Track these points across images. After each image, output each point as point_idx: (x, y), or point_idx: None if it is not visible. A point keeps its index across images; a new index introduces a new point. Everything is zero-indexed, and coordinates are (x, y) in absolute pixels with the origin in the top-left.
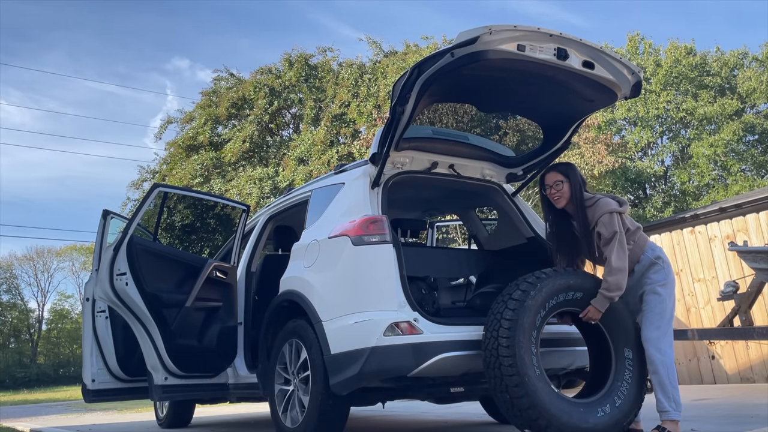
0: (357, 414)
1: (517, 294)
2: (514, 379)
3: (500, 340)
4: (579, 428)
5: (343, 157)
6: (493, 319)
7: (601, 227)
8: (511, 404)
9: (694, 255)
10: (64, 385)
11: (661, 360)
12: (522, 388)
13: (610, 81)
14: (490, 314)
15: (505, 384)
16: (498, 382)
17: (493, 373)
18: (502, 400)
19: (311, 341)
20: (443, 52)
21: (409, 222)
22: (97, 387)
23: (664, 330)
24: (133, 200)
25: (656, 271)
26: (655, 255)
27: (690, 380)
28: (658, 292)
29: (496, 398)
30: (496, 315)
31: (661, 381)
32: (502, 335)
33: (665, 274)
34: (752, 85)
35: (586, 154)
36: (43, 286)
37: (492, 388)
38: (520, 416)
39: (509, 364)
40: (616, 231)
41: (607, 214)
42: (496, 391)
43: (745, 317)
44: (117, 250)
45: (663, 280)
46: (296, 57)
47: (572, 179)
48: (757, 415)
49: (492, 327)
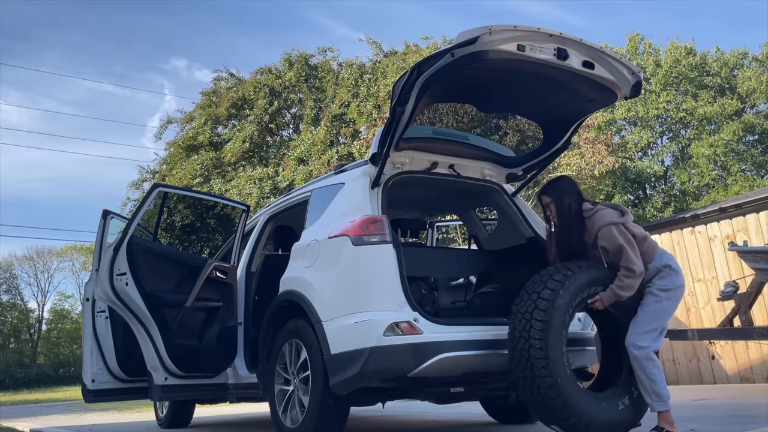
0: (357, 414)
1: (546, 294)
2: (547, 380)
3: (532, 341)
4: (606, 423)
5: (343, 157)
6: (522, 319)
7: (603, 242)
8: (542, 404)
9: (694, 255)
10: (64, 385)
11: (634, 355)
12: (555, 389)
13: (610, 81)
14: (517, 313)
15: (537, 385)
16: (529, 383)
17: (523, 374)
18: (533, 399)
19: (311, 341)
20: (443, 52)
21: (409, 222)
22: (97, 387)
23: (649, 329)
24: (133, 200)
25: (662, 277)
26: (663, 263)
27: (690, 380)
28: (655, 293)
29: (524, 397)
30: (525, 315)
31: (638, 376)
32: (534, 336)
33: (671, 281)
34: (752, 85)
35: (586, 155)
36: (43, 286)
37: (521, 387)
38: (552, 415)
39: (542, 366)
40: (620, 244)
41: (606, 227)
42: (526, 391)
43: (745, 317)
44: (117, 250)
45: (666, 285)
46: (296, 57)
47: (557, 199)
48: (757, 415)
49: (521, 327)
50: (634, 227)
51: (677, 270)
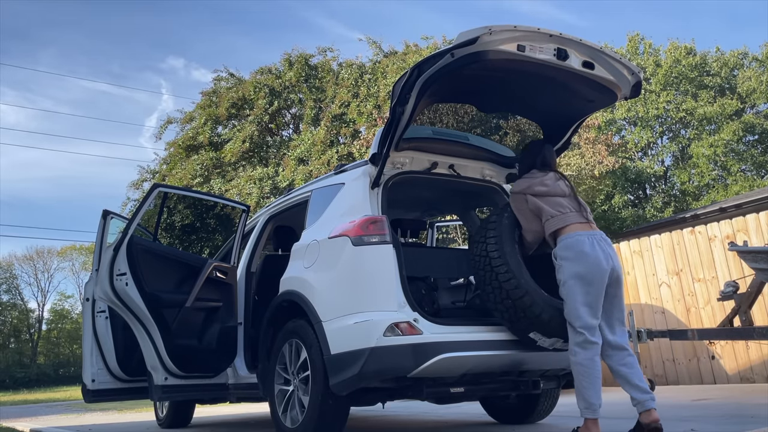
0: (357, 414)
1: (493, 218)
2: (511, 282)
3: (490, 254)
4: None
5: (343, 157)
6: (478, 244)
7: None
8: (514, 308)
9: (694, 255)
10: (64, 385)
11: (572, 360)
12: (520, 289)
13: (610, 81)
14: (473, 244)
15: (505, 291)
16: (497, 292)
17: (491, 287)
18: (505, 308)
19: (311, 341)
20: (443, 53)
21: (409, 222)
22: (97, 387)
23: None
24: (133, 200)
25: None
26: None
27: (690, 380)
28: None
29: (498, 311)
30: (480, 240)
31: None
32: (491, 250)
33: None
34: (752, 85)
35: (586, 155)
36: (43, 286)
37: (492, 302)
38: (525, 317)
39: (504, 271)
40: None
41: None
42: (498, 303)
43: (745, 317)
44: (117, 250)
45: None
46: (296, 57)
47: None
48: (757, 415)
49: (479, 251)
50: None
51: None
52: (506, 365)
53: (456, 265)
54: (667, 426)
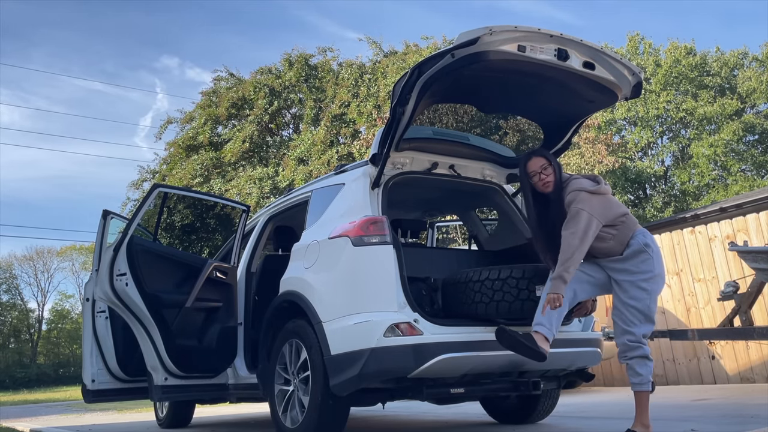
0: (357, 414)
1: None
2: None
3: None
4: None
5: (343, 157)
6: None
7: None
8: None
9: (694, 255)
10: (64, 385)
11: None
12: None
13: (611, 82)
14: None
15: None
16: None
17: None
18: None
19: (311, 342)
20: (444, 53)
21: (409, 222)
22: (97, 387)
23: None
24: (133, 200)
25: (644, 260)
26: (645, 242)
27: (690, 380)
28: (643, 287)
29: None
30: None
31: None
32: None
33: (652, 265)
34: (752, 85)
35: (586, 154)
36: (43, 286)
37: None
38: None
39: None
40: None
41: (575, 192)
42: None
43: (745, 317)
44: (117, 251)
45: (650, 272)
46: (296, 57)
47: (554, 162)
48: (757, 415)
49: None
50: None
51: (658, 251)
52: (506, 366)
53: (456, 266)
54: (667, 426)
